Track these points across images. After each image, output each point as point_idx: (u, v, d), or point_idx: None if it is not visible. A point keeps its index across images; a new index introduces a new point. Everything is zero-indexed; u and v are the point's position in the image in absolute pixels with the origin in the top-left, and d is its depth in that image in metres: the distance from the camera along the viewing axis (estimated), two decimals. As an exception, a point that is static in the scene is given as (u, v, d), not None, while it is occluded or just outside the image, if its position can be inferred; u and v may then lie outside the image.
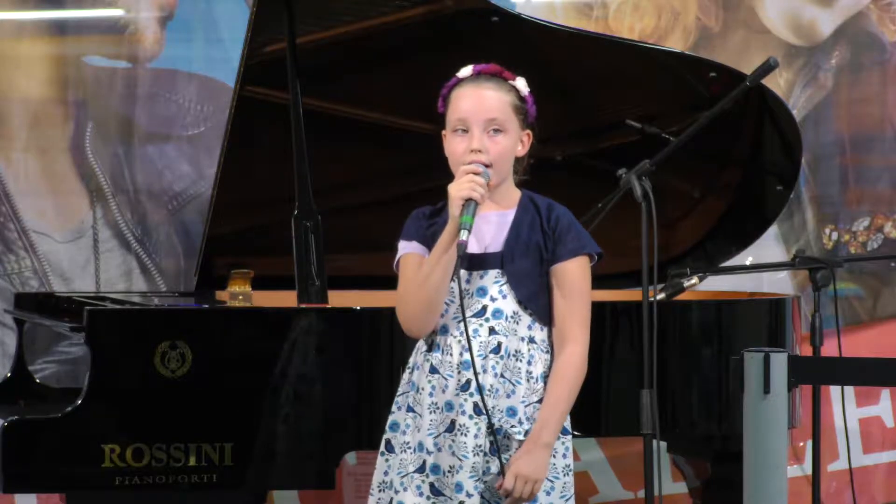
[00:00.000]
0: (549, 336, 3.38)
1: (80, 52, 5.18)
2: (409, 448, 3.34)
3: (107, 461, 3.86)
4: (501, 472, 3.28)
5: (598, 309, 4.38)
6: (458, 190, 3.24)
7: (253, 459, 3.94)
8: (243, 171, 4.45)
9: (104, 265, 5.20)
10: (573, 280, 3.37)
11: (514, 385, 3.31)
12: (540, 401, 3.33)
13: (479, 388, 3.25)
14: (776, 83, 5.62)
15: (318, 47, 4.41)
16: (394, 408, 3.41)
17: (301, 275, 4.17)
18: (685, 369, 4.42)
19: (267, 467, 3.96)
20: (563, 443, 3.38)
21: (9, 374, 4.63)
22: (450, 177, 3.38)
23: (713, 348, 4.46)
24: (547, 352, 3.37)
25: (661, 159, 4.10)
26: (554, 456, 3.35)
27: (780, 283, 5.79)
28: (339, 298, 4.23)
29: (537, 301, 3.36)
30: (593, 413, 4.37)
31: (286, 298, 4.30)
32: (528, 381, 3.33)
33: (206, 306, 4.47)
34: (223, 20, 5.25)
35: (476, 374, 3.25)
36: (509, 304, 3.34)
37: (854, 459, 5.62)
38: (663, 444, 4.86)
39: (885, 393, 5.92)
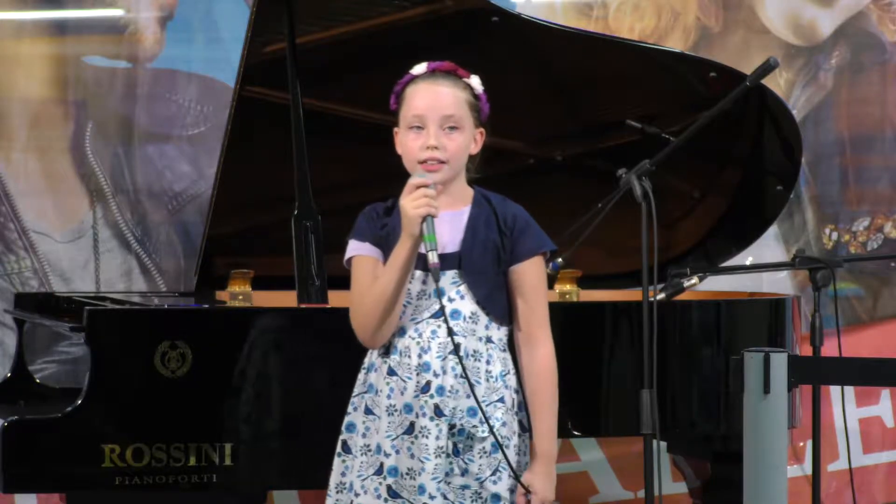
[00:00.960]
0: (507, 335, 3.38)
1: (80, 52, 5.18)
2: (369, 450, 3.33)
3: (107, 461, 3.86)
4: (513, 472, 3.28)
5: (598, 309, 4.42)
6: (414, 208, 3.22)
7: (253, 459, 3.94)
8: (243, 171, 4.45)
9: (104, 265, 5.20)
10: (534, 279, 3.37)
11: (474, 385, 3.30)
12: (500, 400, 3.33)
13: (471, 386, 3.25)
14: (776, 83, 5.62)
15: (318, 47, 4.41)
16: (350, 409, 3.40)
17: (301, 275, 4.17)
18: (685, 369, 4.42)
19: (267, 467, 3.96)
20: (523, 440, 3.37)
21: (9, 374, 4.63)
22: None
23: (713, 348, 4.46)
24: (504, 350, 3.37)
25: (661, 159, 4.10)
26: (507, 451, 3.33)
27: (780, 283, 5.79)
28: (339, 298, 4.23)
29: (495, 301, 3.35)
30: (593, 413, 4.37)
31: (286, 298, 4.30)
32: (487, 380, 3.32)
33: (206, 306, 4.47)
34: (223, 20, 5.25)
35: (469, 379, 3.25)
36: (467, 305, 3.33)
37: (854, 459, 5.63)
38: (663, 444, 4.86)
39: (885, 393, 5.92)
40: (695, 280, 4.68)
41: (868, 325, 5.94)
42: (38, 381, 4.67)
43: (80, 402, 3.87)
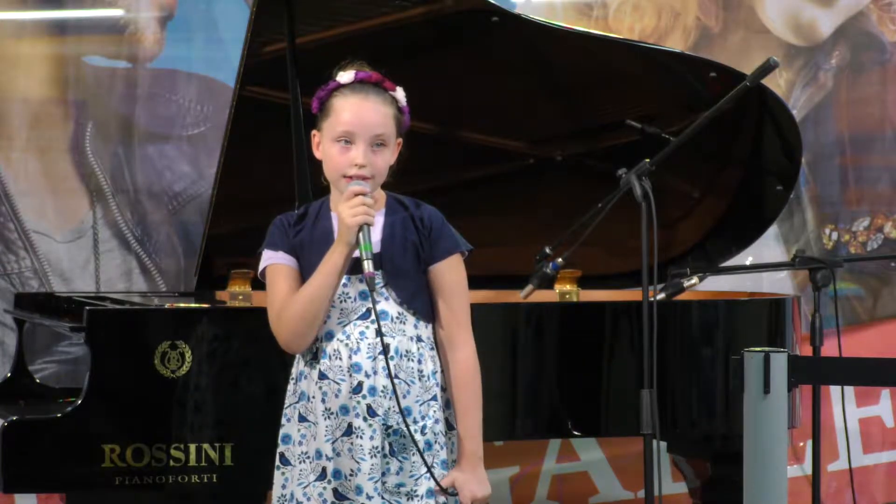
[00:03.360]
0: (433, 333, 3.39)
1: (80, 52, 5.18)
2: (308, 457, 3.33)
3: (107, 461, 3.86)
4: (431, 475, 3.29)
5: (598, 309, 4.42)
6: (352, 216, 3.23)
7: (253, 459, 3.94)
8: (243, 171, 4.45)
9: (104, 265, 5.20)
10: (453, 279, 3.38)
11: (408, 385, 3.32)
12: (433, 398, 3.34)
13: (395, 390, 3.25)
14: (776, 83, 5.62)
15: (318, 47, 4.41)
16: (283, 420, 3.39)
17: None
18: (685, 369, 4.42)
19: (267, 468, 3.95)
20: (449, 438, 3.38)
21: (9, 374, 4.63)
22: (448, 177, 3.38)
23: (713, 348, 4.47)
24: (432, 349, 3.38)
25: (661, 159, 4.10)
26: (441, 449, 3.34)
27: (780, 283, 5.79)
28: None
29: (418, 300, 3.36)
30: (593, 413, 4.37)
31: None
32: (420, 379, 3.33)
33: (206, 306, 4.47)
34: (223, 20, 5.25)
35: (392, 381, 3.25)
36: (392, 306, 3.33)
37: (854, 459, 5.63)
38: (663, 444, 4.86)
39: (885, 393, 5.92)
40: (695, 280, 4.68)
41: (868, 325, 5.94)
42: (38, 381, 4.67)
43: (80, 402, 3.87)
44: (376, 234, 3.33)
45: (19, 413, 4.02)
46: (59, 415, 3.86)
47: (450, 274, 3.38)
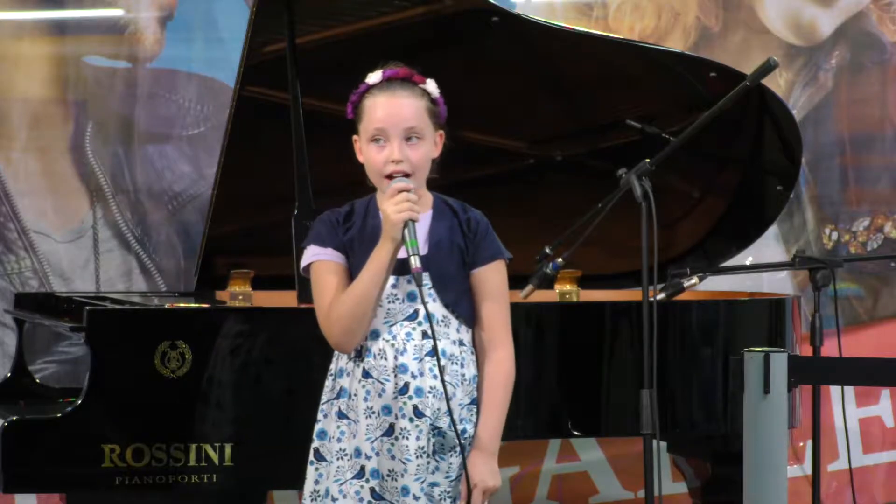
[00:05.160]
0: (472, 338, 3.39)
1: (80, 52, 5.18)
2: (346, 455, 3.33)
3: (107, 461, 3.86)
4: (466, 474, 3.30)
5: (598, 309, 4.42)
6: (397, 212, 3.23)
7: (253, 460, 3.94)
8: (243, 171, 4.45)
9: (104, 265, 5.20)
10: (496, 284, 3.39)
11: (453, 388, 3.33)
12: (472, 402, 3.35)
13: (445, 390, 3.25)
14: (776, 83, 5.62)
15: (319, 47, 4.41)
16: (319, 416, 3.39)
17: (301, 275, 4.17)
18: (685, 369, 4.42)
19: (267, 468, 3.96)
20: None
21: (9, 374, 4.63)
22: (448, 177, 3.39)
23: (713, 348, 4.46)
24: (473, 353, 3.39)
25: (661, 159, 4.09)
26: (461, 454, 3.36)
27: (780, 283, 5.79)
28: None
29: (462, 304, 3.37)
30: (593, 413, 4.37)
31: (286, 298, 4.30)
32: (462, 383, 3.35)
33: (206, 306, 4.47)
34: (223, 20, 5.25)
35: (444, 382, 3.25)
36: (438, 308, 3.34)
37: (854, 459, 5.63)
38: (663, 444, 4.86)
39: (885, 393, 5.92)
40: (695, 280, 4.68)
41: (868, 325, 5.94)
42: (38, 381, 4.67)
43: (80, 402, 3.87)
44: (422, 235, 3.32)
45: (19, 413, 4.02)
46: (59, 415, 3.86)
47: (494, 278, 3.39)
